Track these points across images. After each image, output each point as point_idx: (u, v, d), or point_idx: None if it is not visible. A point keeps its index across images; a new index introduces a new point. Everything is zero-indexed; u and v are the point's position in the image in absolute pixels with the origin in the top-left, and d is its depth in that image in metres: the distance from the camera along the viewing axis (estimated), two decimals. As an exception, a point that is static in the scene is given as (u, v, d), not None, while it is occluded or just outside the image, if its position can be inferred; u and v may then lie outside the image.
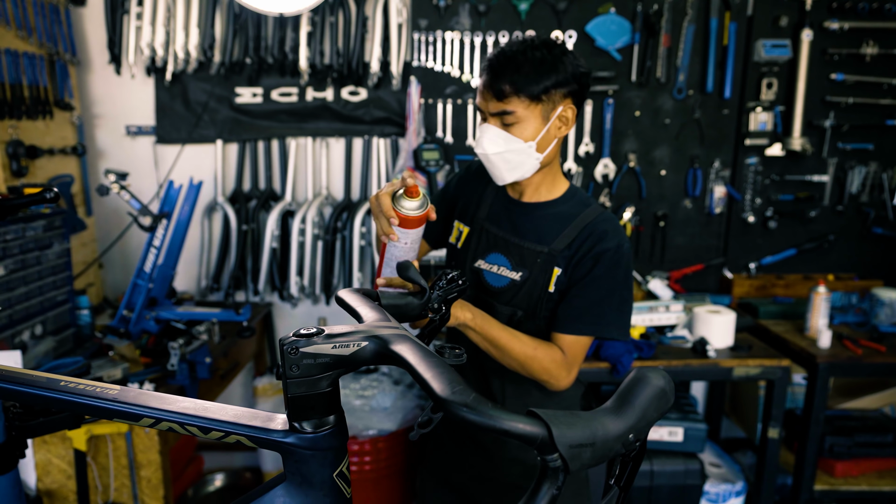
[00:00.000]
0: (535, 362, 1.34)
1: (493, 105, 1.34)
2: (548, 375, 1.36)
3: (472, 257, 1.50)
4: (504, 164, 1.37)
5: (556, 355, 1.36)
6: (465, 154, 2.80)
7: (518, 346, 1.33)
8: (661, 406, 0.58)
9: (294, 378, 0.72)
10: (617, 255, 1.36)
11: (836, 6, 2.71)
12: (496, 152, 1.36)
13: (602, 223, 1.39)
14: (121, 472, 1.89)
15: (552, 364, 1.35)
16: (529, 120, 1.33)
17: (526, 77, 1.29)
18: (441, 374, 0.63)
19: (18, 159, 2.31)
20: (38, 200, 1.13)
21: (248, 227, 2.85)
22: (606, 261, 1.36)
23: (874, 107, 2.79)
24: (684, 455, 2.46)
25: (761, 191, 2.88)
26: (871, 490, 2.48)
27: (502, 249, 1.46)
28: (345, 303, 0.93)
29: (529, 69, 1.29)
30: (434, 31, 2.71)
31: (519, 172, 1.39)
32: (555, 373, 1.36)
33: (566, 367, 1.37)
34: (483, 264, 1.48)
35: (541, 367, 1.34)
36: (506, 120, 1.34)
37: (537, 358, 1.34)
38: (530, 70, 1.29)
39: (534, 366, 1.34)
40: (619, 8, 2.69)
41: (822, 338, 2.38)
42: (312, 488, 0.75)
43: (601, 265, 1.36)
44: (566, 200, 1.45)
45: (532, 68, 1.29)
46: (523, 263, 1.43)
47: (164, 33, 2.66)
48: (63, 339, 2.15)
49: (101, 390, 0.82)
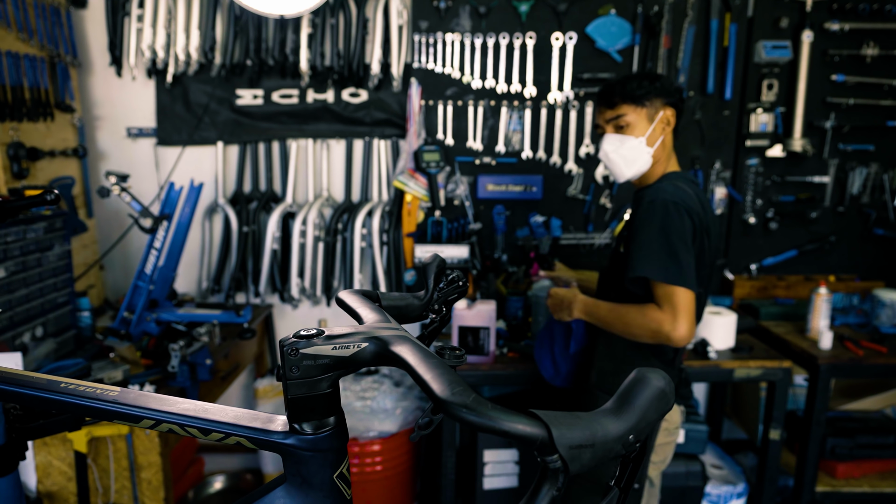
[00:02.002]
0: (644, 328, 1.56)
1: (608, 114, 1.71)
2: (659, 335, 1.55)
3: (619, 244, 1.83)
4: (622, 161, 1.70)
5: (657, 312, 1.55)
6: (466, 156, 2.80)
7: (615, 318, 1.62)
8: (661, 407, 0.58)
9: (294, 379, 0.72)
10: (651, 208, 1.60)
11: (836, 7, 2.71)
12: (614, 150, 1.70)
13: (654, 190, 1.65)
14: (121, 474, 1.89)
15: (658, 323, 1.54)
16: (638, 121, 1.68)
17: (630, 87, 1.67)
18: (441, 375, 0.63)
19: (19, 161, 2.31)
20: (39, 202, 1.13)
21: (249, 228, 2.85)
22: (641, 214, 1.63)
23: (875, 108, 2.79)
24: (685, 456, 2.46)
25: (762, 192, 2.87)
26: (873, 492, 2.48)
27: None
28: (345, 304, 0.93)
29: (633, 82, 1.68)
30: (434, 33, 2.71)
31: (636, 167, 1.71)
32: (664, 329, 1.53)
33: (671, 318, 1.53)
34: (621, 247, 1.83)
35: (651, 330, 1.55)
36: (619, 123, 1.69)
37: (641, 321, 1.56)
38: (633, 82, 1.67)
39: (642, 331, 1.57)
40: (620, 9, 2.69)
41: (824, 339, 2.37)
42: (312, 490, 0.75)
43: (638, 219, 1.64)
44: (656, 183, 1.71)
45: (635, 81, 1.68)
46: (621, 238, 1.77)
47: (165, 35, 2.66)
48: (64, 340, 2.15)
49: (102, 392, 0.82)
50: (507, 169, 2.82)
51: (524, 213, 2.84)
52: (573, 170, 2.81)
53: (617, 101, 1.69)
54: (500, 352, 2.30)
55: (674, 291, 1.54)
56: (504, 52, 2.73)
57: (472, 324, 2.18)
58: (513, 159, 2.81)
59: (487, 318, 2.17)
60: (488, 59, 2.73)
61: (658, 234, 1.58)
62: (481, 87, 2.76)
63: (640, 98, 1.66)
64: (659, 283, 1.57)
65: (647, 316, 1.56)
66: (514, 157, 2.81)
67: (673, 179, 1.70)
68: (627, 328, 1.59)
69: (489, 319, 2.17)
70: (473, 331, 2.19)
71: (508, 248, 2.85)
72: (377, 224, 2.81)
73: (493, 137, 2.80)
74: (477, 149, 2.80)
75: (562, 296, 1.79)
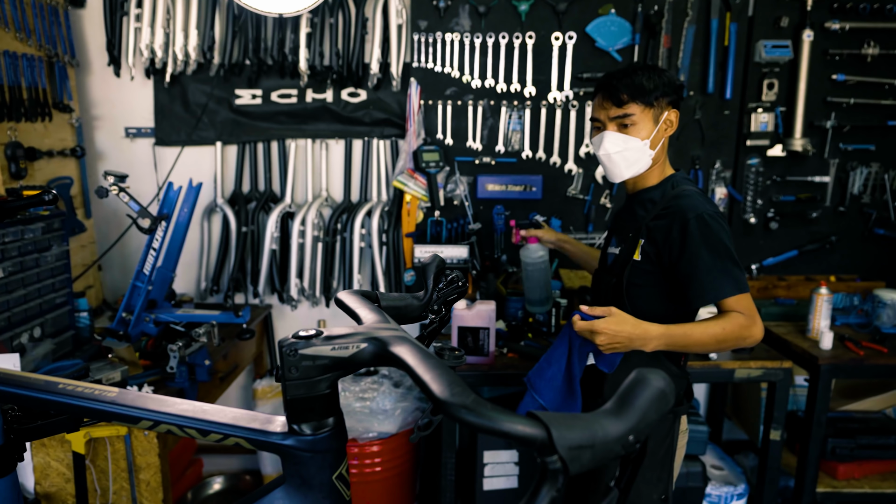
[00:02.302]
0: (730, 339, 1.52)
1: (614, 111, 1.61)
2: (743, 340, 1.52)
3: (607, 246, 1.79)
4: (623, 162, 1.63)
5: (738, 319, 1.51)
6: (466, 156, 2.80)
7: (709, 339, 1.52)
8: (661, 407, 0.58)
9: (293, 380, 0.71)
10: (702, 225, 1.53)
11: (836, 7, 2.70)
12: (617, 151, 1.62)
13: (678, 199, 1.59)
14: (120, 476, 1.88)
15: (740, 329, 1.51)
16: (644, 122, 1.59)
17: (640, 86, 1.57)
18: (440, 375, 0.62)
19: (17, 161, 2.30)
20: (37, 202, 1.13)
21: (248, 228, 2.84)
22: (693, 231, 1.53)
23: (875, 107, 2.79)
24: (686, 457, 2.45)
25: (763, 192, 2.87)
26: (874, 492, 2.47)
27: (616, 233, 1.76)
28: (344, 304, 0.93)
29: (642, 80, 1.57)
30: (434, 33, 2.71)
31: (635, 168, 1.64)
32: (745, 334, 1.51)
33: (749, 323, 1.52)
34: (610, 249, 1.76)
35: (735, 338, 1.51)
36: (624, 122, 1.60)
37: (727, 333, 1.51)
38: (643, 80, 1.57)
39: (729, 342, 1.52)
40: (620, 9, 2.69)
41: (824, 339, 2.37)
42: (311, 490, 0.75)
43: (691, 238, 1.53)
44: (661, 186, 1.67)
45: (644, 79, 1.58)
46: (623, 240, 1.69)
47: (164, 35, 2.66)
48: (62, 341, 2.14)
49: (100, 393, 0.82)
50: (507, 169, 2.81)
51: (524, 213, 2.84)
52: (573, 170, 2.81)
53: (626, 100, 1.59)
54: (499, 352, 2.29)
55: (746, 297, 1.55)
56: (504, 51, 2.72)
57: (471, 324, 2.17)
58: (512, 159, 2.81)
59: (487, 319, 2.17)
60: (488, 58, 2.73)
61: (723, 251, 1.53)
62: (481, 87, 2.75)
63: (648, 98, 1.58)
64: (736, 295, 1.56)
65: (737, 324, 1.52)
66: (513, 156, 2.81)
67: (684, 184, 1.64)
68: (721, 344, 1.54)
69: (489, 320, 2.17)
70: (473, 331, 2.18)
71: (508, 249, 2.84)
72: (376, 224, 2.81)
73: (492, 137, 2.80)
74: (476, 149, 2.80)
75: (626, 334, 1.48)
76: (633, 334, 1.49)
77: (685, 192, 1.60)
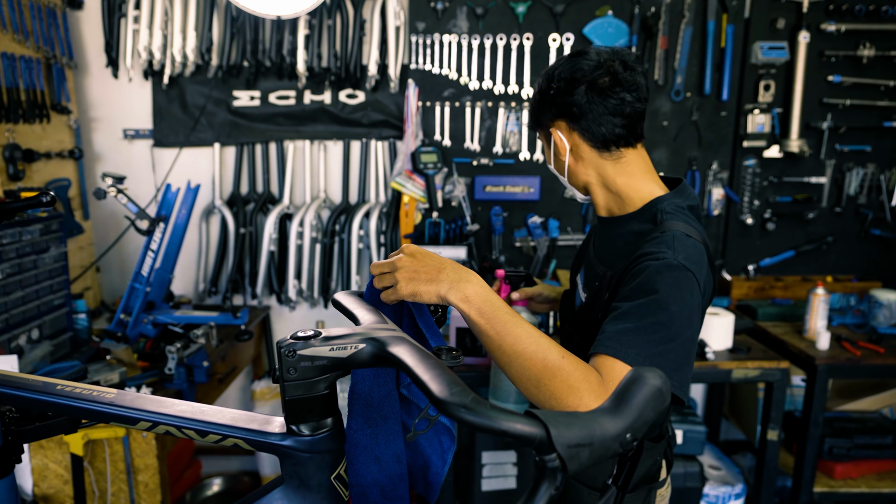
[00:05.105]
0: (559, 375, 0.96)
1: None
2: (570, 395, 0.96)
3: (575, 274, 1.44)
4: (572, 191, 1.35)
5: (592, 375, 0.98)
6: (463, 157, 2.80)
7: (537, 349, 0.98)
8: (659, 406, 0.58)
9: (291, 381, 0.72)
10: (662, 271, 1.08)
11: (832, 8, 2.71)
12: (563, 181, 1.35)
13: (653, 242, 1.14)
14: (118, 477, 1.88)
15: (583, 382, 0.96)
16: (547, 148, 1.33)
17: (531, 110, 1.33)
18: (439, 375, 0.63)
19: (15, 163, 2.30)
20: (35, 204, 1.13)
21: (246, 230, 2.84)
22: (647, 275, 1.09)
23: (871, 108, 2.80)
24: (683, 457, 2.46)
25: (759, 192, 2.88)
26: (871, 492, 2.48)
27: (586, 267, 1.36)
28: (342, 305, 0.93)
29: (533, 101, 1.32)
30: (432, 34, 2.71)
31: (580, 196, 1.34)
32: (582, 395, 0.96)
33: (597, 394, 0.97)
34: (578, 286, 1.38)
35: (564, 383, 0.96)
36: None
37: (563, 369, 0.97)
38: (533, 102, 1.32)
39: (555, 380, 0.96)
40: (617, 10, 2.70)
41: (821, 339, 2.38)
42: (310, 491, 0.75)
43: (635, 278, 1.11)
44: (639, 215, 1.23)
45: (534, 99, 1.31)
46: (589, 284, 1.31)
47: (162, 37, 2.66)
48: (60, 343, 2.14)
49: (98, 394, 0.82)
50: (505, 170, 2.82)
51: (522, 215, 2.84)
52: (570, 171, 2.81)
53: (531, 124, 1.35)
54: (497, 353, 2.29)
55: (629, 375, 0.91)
56: (501, 53, 2.73)
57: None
58: (510, 160, 2.81)
59: (485, 320, 2.17)
60: (485, 60, 2.73)
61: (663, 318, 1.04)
62: (479, 88, 2.76)
63: (537, 121, 1.31)
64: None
65: (585, 377, 0.97)
66: (511, 158, 2.81)
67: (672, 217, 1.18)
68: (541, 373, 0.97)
69: (487, 320, 2.17)
70: (471, 332, 2.18)
71: (506, 250, 2.85)
72: (374, 225, 2.81)
73: (490, 138, 2.80)
74: (474, 150, 2.80)
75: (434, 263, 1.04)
76: (442, 265, 1.03)
77: (664, 235, 1.13)
